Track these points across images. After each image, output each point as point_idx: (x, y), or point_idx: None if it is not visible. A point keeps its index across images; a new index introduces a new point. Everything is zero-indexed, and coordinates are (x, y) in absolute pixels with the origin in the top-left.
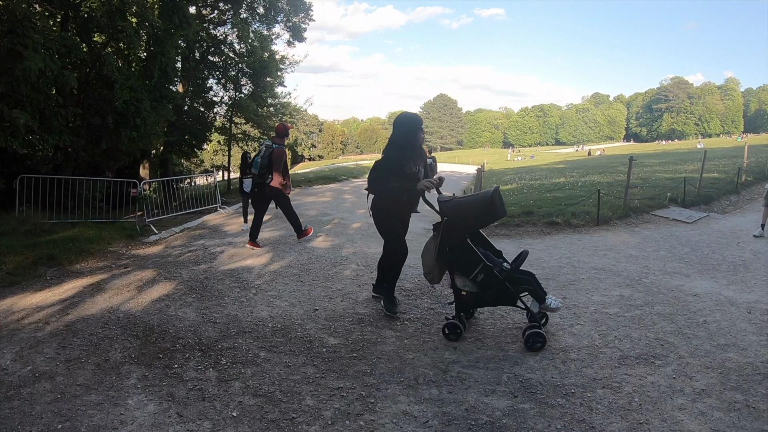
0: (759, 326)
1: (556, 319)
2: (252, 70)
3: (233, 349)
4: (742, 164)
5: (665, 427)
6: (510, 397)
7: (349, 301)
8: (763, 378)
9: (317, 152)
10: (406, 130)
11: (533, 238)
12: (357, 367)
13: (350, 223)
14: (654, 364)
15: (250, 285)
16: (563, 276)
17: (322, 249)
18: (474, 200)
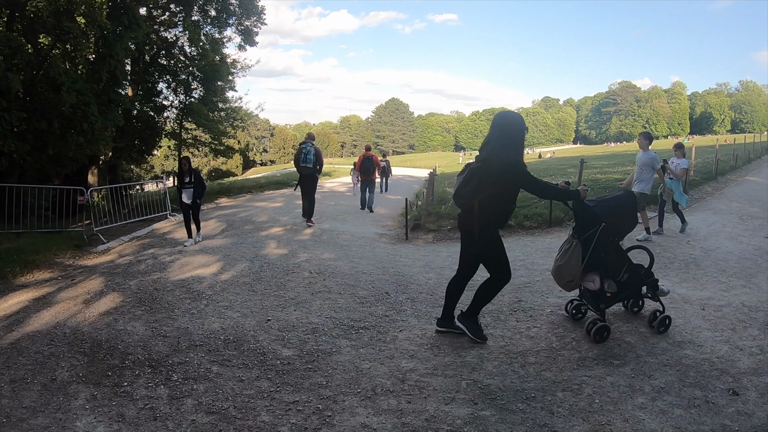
0: (713, 322)
1: (512, 323)
2: (203, 74)
3: (184, 364)
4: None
5: (627, 427)
6: (470, 404)
7: (302, 310)
8: (720, 373)
9: (269, 157)
10: (519, 128)
11: None
12: (312, 379)
13: (302, 228)
14: (612, 364)
15: (201, 295)
16: (518, 278)
17: (275, 256)
18: (619, 204)
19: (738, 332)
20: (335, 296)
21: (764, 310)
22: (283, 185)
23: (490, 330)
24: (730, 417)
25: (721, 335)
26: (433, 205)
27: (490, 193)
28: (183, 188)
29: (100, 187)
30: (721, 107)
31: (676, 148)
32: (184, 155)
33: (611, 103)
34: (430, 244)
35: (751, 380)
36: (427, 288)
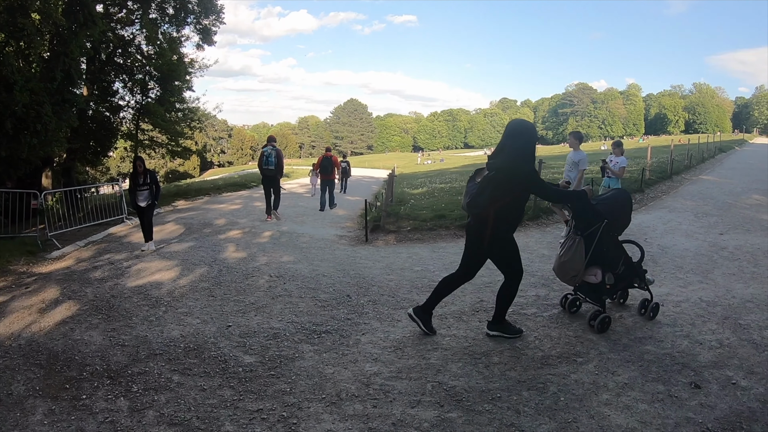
0: (672, 318)
1: (475, 323)
2: (160, 74)
3: (144, 374)
4: (646, 164)
5: (593, 423)
6: (436, 407)
7: (263, 315)
8: (681, 367)
9: (226, 158)
10: (533, 138)
11: (447, 242)
12: (276, 386)
13: (261, 231)
14: (576, 361)
15: (159, 302)
16: (479, 279)
17: (234, 260)
18: (618, 201)
19: (697, 327)
20: (296, 300)
21: (722, 304)
22: (242, 187)
23: (453, 331)
24: (693, 410)
25: (680, 330)
26: (392, 206)
27: (506, 203)
28: (138, 191)
29: (55, 191)
30: (676, 108)
31: (615, 147)
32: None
33: (568, 105)
34: (391, 246)
35: (712, 373)
36: (388, 290)
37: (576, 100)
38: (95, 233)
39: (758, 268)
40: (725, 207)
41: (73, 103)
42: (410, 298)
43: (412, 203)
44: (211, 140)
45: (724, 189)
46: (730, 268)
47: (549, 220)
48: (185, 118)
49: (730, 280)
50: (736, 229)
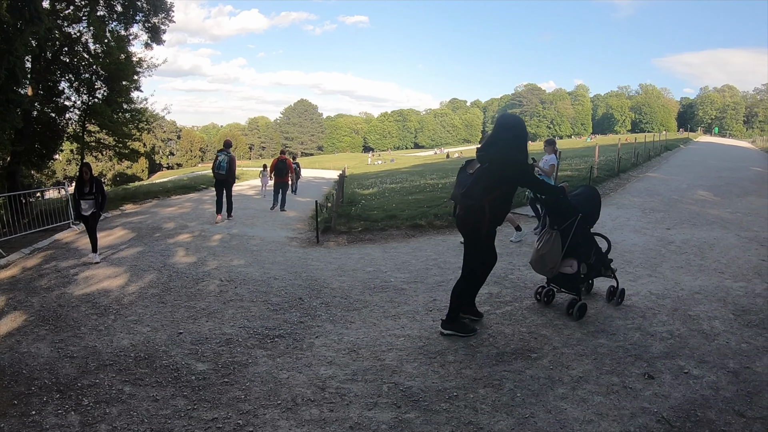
0: (624, 312)
1: (429, 322)
2: (107, 73)
3: (95, 386)
4: (594, 163)
5: (550, 417)
6: (393, 408)
7: (214, 320)
8: (635, 359)
9: (175, 160)
10: (524, 131)
11: (398, 241)
12: (230, 394)
13: (211, 234)
14: (530, 357)
15: (108, 310)
16: (431, 278)
17: (183, 265)
18: (590, 197)
19: (648, 319)
20: (248, 304)
21: (671, 297)
22: (191, 189)
23: (407, 331)
24: (648, 400)
25: (632, 323)
26: (343, 207)
27: (499, 193)
28: (82, 199)
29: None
30: (622, 109)
31: (547, 145)
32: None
33: (517, 105)
34: (342, 247)
35: (665, 363)
36: (340, 291)
37: (525, 100)
38: (41, 240)
39: (705, 260)
40: (671, 203)
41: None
42: (363, 299)
43: (363, 204)
44: (159, 142)
45: (670, 186)
46: (678, 262)
47: None
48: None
49: (679, 273)
50: (683, 224)
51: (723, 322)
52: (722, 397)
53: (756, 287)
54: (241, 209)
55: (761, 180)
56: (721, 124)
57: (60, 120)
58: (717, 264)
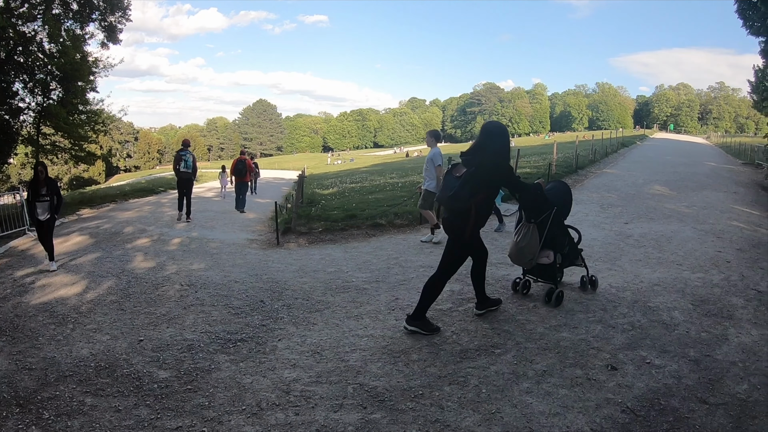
0: (585, 305)
1: (392, 321)
2: (63, 73)
3: (55, 398)
4: (552, 160)
5: (516, 412)
6: (359, 409)
7: (175, 326)
8: (597, 351)
9: (133, 163)
10: (508, 137)
11: (359, 241)
12: (194, 401)
13: (170, 238)
14: (494, 353)
15: (66, 319)
16: (393, 277)
17: (143, 270)
18: (563, 191)
19: (609, 312)
20: (209, 309)
21: (631, 289)
22: (149, 192)
23: (370, 331)
24: (612, 391)
25: (593, 316)
26: (303, 207)
27: (485, 196)
28: (38, 201)
29: None
30: (580, 107)
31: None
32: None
33: (476, 104)
34: (303, 248)
35: (627, 354)
36: (302, 293)
37: (484, 99)
38: None
39: (663, 253)
40: (629, 198)
41: None
42: (325, 300)
43: (323, 204)
44: (116, 144)
45: (627, 181)
46: (637, 255)
47: None
48: (89, 121)
49: (637, 266)
50: (640, 218)
51: (682, 312)
52: (685, 385)
53: (713, 278)
54: (200, 212)
55: (716, 174)
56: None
57: (14, 122)
58: (675, 256)
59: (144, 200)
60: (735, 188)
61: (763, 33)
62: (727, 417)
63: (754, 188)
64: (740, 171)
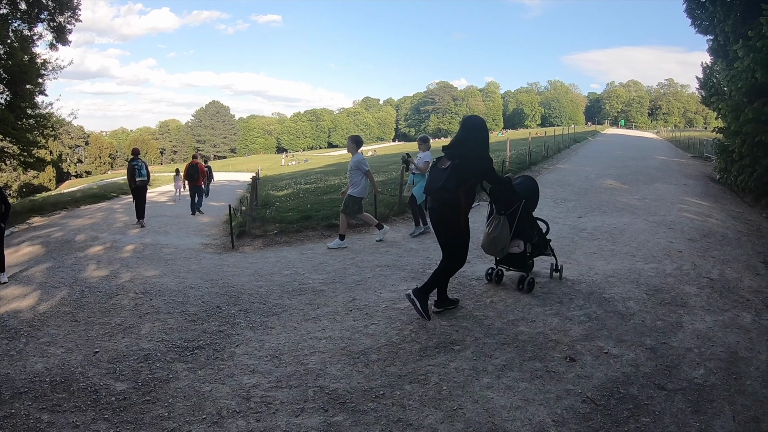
0: (542, 299)
1: (350, 322)
2: (10, 76)
3: (10, 417)
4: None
5: (478, 407)
6: (321, 412)
7: (131, 336)
8: (555, 344)
9: (84, 168)
10: (486, 131)
11: (314, 242)
12: (153, 412)
13: (123, 245)
14: (453, 350)
15: (18, 333)
16: (349, 277)
17: (96, 279)
18: (530, 185)
19: (565, 304)
20: (164, 316)
21: (586, 282)
22: (102, 198)
23: (328, 333)
24: (571, 382)
25: (550, 309)
26: (257, 209)
27: (470, 186)
28: None
29: None
30: (532, 104)
31: (421, 142)
32: None
33: (429, 102)
34: (258, 251)
35: (584, 345)
36: (258, 297)
37: (437, 97)
38: None
39: (616, 245)
40: (582, 192)
41: None
42: (282, 303)
43: (278, 205)
44: (66, 149)
45: (580, 176)
46: (591, 248)
47: None
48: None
49: (592, 259)
50: (593, 212)
51: (637, 302)
52: (642, 373)
53: (666, 267)
54: (153, 217)
55: (666, 168)
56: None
57: None
58: (628, 248)
59: (96, 206)
60: (685, 180)
61: (711, 32)
62: (685, 402)
63: (703, 180)
64: (689, 164)
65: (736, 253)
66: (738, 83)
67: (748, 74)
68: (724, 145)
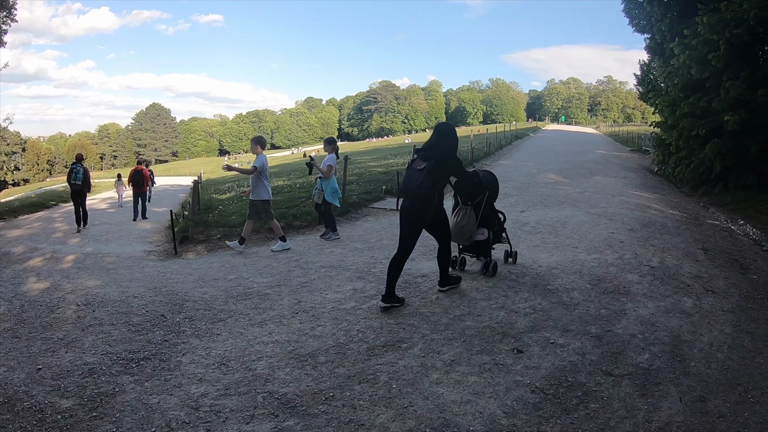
0: (487, 293)
1: (296, 325)
2: None
3: None
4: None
5: (429, 404)
6: (271, 418)
7: (75, 350)
8: (502, 337)
9: (21, 176)
10: (456, 136)
11: (258, 245)
12: (101, 428)
13: (64, 255)
14: (401, 348)
15: None
16: (294, 279)
17: (37, 292)
18: (492, 178)
19: (510, 297)
20: (108, 328)
21: (530, 274)
22: (40, 207)
23: (275, 337)
24: (520, 373)
25: (496, 303)
26: (200, 214)
27: (443, 184)
28: None
29: None
30: (474, 102)
31: (326, 144)
32: None
33: (372, 102)
34: (202, 256)
35: (531, 337)
36: (203, 303)
37: (380, 97)
38: None
39: (558, 238)
40: (524, 187)
41: None
42: (227, 308)
43: (221, 209)
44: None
45: (522, 171)
46: (534, 241)
47: (358, 214)
48: None
49: (535, 252)
50: (536, 206)
51: (581, 292)
52: (589, 361)
53: (608, 257)
54: (94, 225)
55: (606, 161)
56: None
57: None
58: (570, 240)
59: (35, 216)
60: (624, 173)
61: (649, 30)
62: (632, 386)
63: (642, 172)
64: (628, 157)
65: (676, 241)
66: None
67: (684, 71)
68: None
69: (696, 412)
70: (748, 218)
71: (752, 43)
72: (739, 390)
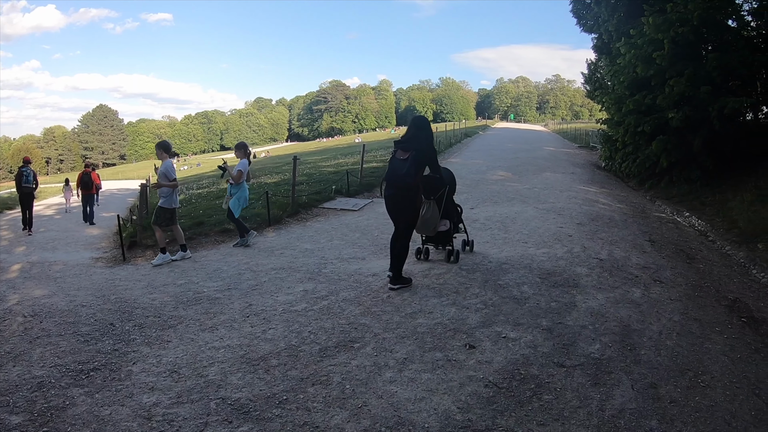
0: (437, 290)
1: (247, 329)
2: None
3: None
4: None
5: (383, 402)
6: (225, 424)
7: (22, 364)
8: (454, 333)
9: None
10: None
11: (207, 249)
12: None
13: (9, 265)
14: (353, 347)
15: None
16: (245, 282)
17: None
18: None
19: (461, 294)
20: (56, 339)
21: (480, 270)
22: None
23: (226, 341)
24: (473, 368)
25: (447, 299)
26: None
27: (422, 173)
28: None
29: None
30: (424, 101)
31: (237, 149)
32: None
33: (322, 101)
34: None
35: (483, 332)
36: (153, 310)
37: (330, 96)
38: None
39: (508, 233)
40: (473, 184)
41: None
42: (177, 314)
43: None
44: None
45: (471, 169)
46: (484, 237)
47: (308, 215)
48: None
49: (485, 248)
50: (485, 203)
51: (531, 286)
52: (541, 353)
53: (557, 252)
54: (40, 232)
55: (554, 158)
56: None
57: None
58: (520, 235)
59: None
60: (572, 169)
61: (596, 30)
62: (585, 376)
63: (590, 168)
64: (576, 154)
65: (623, 234)
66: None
67: (630, 69)
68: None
69: (648, 398)
70: (693, 210)
71: (696, 42)
72: (689, 375)
